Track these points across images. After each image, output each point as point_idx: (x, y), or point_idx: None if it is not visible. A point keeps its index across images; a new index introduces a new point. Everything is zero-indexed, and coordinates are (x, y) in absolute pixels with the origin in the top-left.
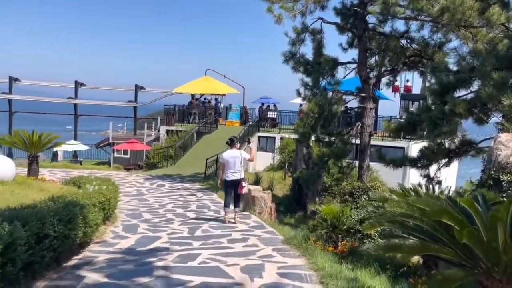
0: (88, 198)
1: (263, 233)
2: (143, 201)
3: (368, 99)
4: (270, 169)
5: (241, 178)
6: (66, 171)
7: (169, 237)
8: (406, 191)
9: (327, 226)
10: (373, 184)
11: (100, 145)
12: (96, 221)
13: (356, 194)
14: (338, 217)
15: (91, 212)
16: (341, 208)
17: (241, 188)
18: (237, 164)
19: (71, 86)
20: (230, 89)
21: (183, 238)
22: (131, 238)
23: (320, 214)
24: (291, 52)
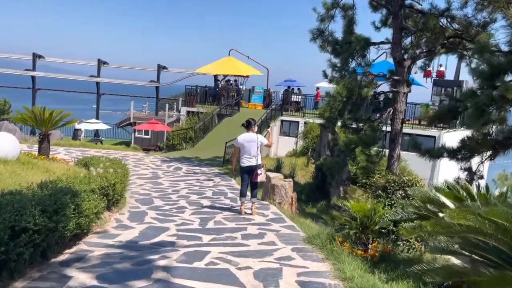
0: (87, 183)
1: (282, 228)
2: (157, 185)
3: (401, 83)
4: (292, 155)
5: (256, 165)
6: (82, 150)
7: (177, 228)
8: (455, 189)
9: (357, 225)
10: (410, 178)
11: (121, 125)
12: (94, 210)
13: (391, 189)
14: (370, 215)
15: (87, 200)
16: (373, 206)
17: (256, 176)
18: (253, 149)
19: (94, 65)
20: (254, 71)
21: (192, 231)
22: (135, 229)
23: (348, 211)
24: (319, 30)
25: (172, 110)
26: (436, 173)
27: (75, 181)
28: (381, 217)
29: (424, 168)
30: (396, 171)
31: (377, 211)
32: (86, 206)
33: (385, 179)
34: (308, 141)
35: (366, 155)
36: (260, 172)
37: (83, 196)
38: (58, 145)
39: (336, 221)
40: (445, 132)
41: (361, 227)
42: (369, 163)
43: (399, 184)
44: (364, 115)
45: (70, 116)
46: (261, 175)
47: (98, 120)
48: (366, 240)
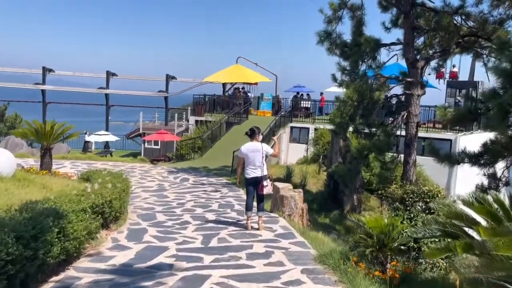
0: (76, 202)
1: (291, 245)
2: (162, 198)
3: (415, 85)
4: (303, 162)
5: (262, 176)
6: (89, 163)
7: (177, 248)
8: (486, 202)
9: (373, 243)
10: (431, 189)
11: (131, 136)
12: (83, 232)
13: (409, 201)
14: (388, 232)
15: (76, 221)
16: (391, 220)
17: (262, 188)
18: (258, 159)
19: (103, 77)
20: (262, 78)
21: (193, 250)
22: (132, 249)
23: (363, 228)
24: (326, 32)
25: (181, 119)
26: (454, 178)
27: (64, 201)
28: (400, 233)
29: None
30: (413, 177)
31: (396, 227)
32: (74, 228)
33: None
34: (319, 147)
35: (380, 161)
36: (266, 184)
37: (70, 217)
38: (64, 159)
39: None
40: (461, 135)
41: (378, 244)
42: (384, 170)
43: (419, 195)
44: (376, 119)
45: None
46: (267, 187)
47: (107, 132)
48: (384, 259)
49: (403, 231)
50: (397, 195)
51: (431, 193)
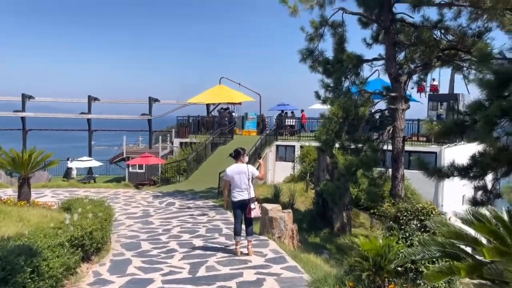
0: (53, 236)
1: (283, 270)
2: (147, 224)
3: (399, 99)
4: (290, 180)
5: (249, 199)
6: (70, 191)
7: (163, 279)
8: (484, 219)
9: (369, 266)
10: (425, 206)
11: (114, 160)
12: (60, 270)
13: (403, 219)
14: (384, 253)
15: (52, 258)
16: (386, 242)
17: (250, 211)
18: (244, 181)
19: (84, 101)
20: (246, 97)
21: (180, 282)
22: (114, 284)
23: (358, 250)
24: (308, 49)
25: (165, 142)
26: (441, 190)
27: (39, 235)
28: (396, 254)
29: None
30: (401, 192)
31: (392, 248)
32: (50, 265)
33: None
34: (306, 165)
35: (368, 177)
36: (254, 207)
37: (45, 254)
38: (45, 187)
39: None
40: (445, 147)
41: (375, 267)
42: (373, 186)
43: (413, 212)
44: (362, 135)
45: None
46: (254, 210)
47: (90, 158)
48: (381, 283)
49: (399, 251)
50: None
51: (425, 210)
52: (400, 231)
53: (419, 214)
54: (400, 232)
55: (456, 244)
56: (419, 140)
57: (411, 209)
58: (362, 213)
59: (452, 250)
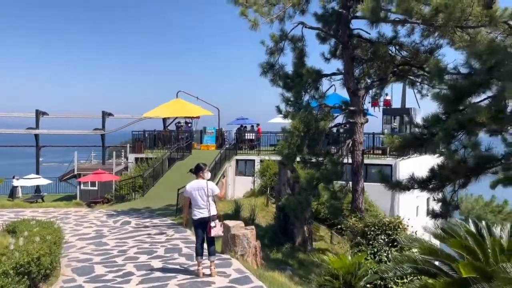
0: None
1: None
2: (101, 246)
3: (358, 113)
4: (250, 195)
5: (210, 216)
6: (16, 212)
7: None
8: (457, 235)
9: (339, 285)
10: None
11: (65, 178)
12: None
13: (371, 234)
14: (354, 271)
15: None
16: (356, 259)
17: (210, 230)
18: (203, 198)
19: (32, 116)
20: (204, 111)
21: None
22: None
23: (327, 268)
24: (269, 63)
25: (120, 157)
26: (396, 201)
27: None
28: (366, 270)
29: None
30: (362, 205)
31: (362, 265)
32: None
33: (363, 222)
34: (266, 179)
35: (329, 191)
36: (214, 225)
37: None
38: None
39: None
40: (400, 160)
41: (345, 286)
42: (334, 200)
43: (380, 227)
44: (322, 149)
45: None
46: (215, 228)
47: (37, 175)
48: None
49: (369, 268)
50: (357, 228)
51: (392, 224)
52: (368, 246)
53: (387, 228)
54: (368, 248)
55: (429, 260)
56: (375, 153)
57: (379, 223)
58: (322, 226)
59: (425, 266)
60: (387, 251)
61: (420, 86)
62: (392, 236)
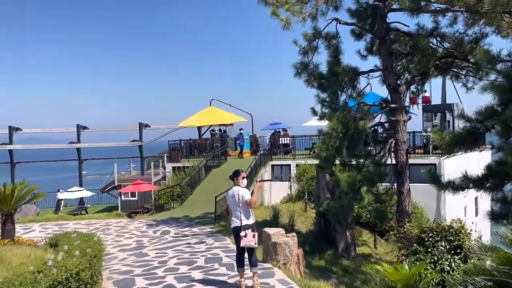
0: (31, 283)
1: None
2: (141, 256)
3: (400, 111)
4: (288, 200)
5: (242, 226)
6: (60, 224)
7: None
8: None
9: None
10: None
11: (106, 189)
12: None
13: (429, 241)
14: (414, 284)
15: None
16: (415, 269)
17: (241, 239)
18: (236, 206)
19: (73, 131)
20: (237, 118)
21: None
22: None
23: (384, 281)
24: (302, 63)
25: (157, 167)
26: (443, 202)
27: (14, 284)
28: (427, 282)
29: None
30: (409, 208)
31: (423, 277)
32: None
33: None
34: (303, 183)
35: (373, 194)
36: (244, 234)
37: None
38: (33, 221)
39: None
40: (444, 158)
41: None
42: (378, 203)
43: (439, 233)
44: (363, 150)
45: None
46: (245, 238)
47: (80, 188)
48: None
49: (430, 279)
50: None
51: (453, 229)
52: (426, 254)
53: (447, 234)
54: (427, 256)
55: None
56: (416, 152)
57: (437, 228)
58: (364, 230)
59: (504, 279)
60: (449, 259)
61: (465, 79)
62: (454, 242)
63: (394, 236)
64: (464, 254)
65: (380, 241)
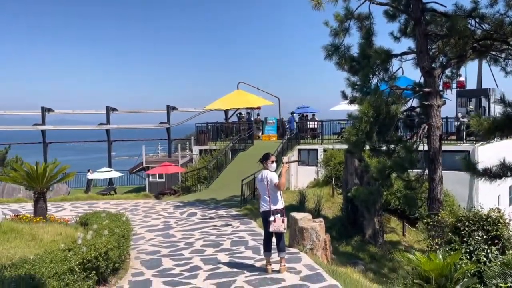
0: (61, 261)
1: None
2: (168, 237)
3: (434, 95)
4: (314, 185)
5: (271, 210)
6: (90, 204)
7: None
8: None
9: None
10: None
11: (134, 170)
12: None
13: (465, 230)
14: (448, 273)
15: None
16: (450, 259)
17: (269, 224)
18: (265, 190)
19: (103, 112)
20: (265, 101)
21: None
22: None
23: (416, 270)
24: (333, 45)
25: (185, 150)
26: (475, 190)
27: (45, 261)
28: (463, 273)
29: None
30: (440, 195)
31: (458, 268)
32: None
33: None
34: (330, 169)
35: (404, 180)
36: (273, 219)
37: (51, 284)
38: (64, 200)
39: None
40: (479, 145)
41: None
42: (410, 191)
43: (476, 222)
44: (394, 135)
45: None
46: (274, 224)
47: (109, 168)
48: None
49: (466, 270)
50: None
51: (491, 219)
52: (462, 244)
53: (485, 223)
54: (462, 246)
55: None
56: (449, 139)
57: (474, 217)
58: (393, 217)
59: None
60: (486, 250)
61: (504, 63)
62: (491, 232)
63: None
64: (502, 245)
65: (409, 229)
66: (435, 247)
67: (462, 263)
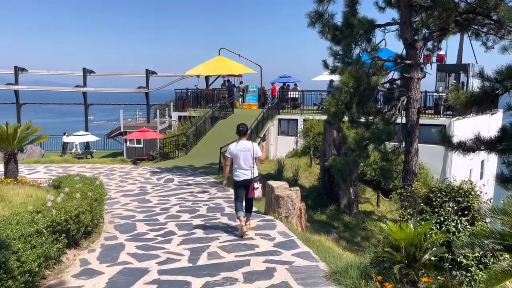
0: (28, 223)
1: (295, 258)
2: (144, 203)
3: (415, 68)
4: (293, 155)
5: (252, 178)
6: (64, 167)
7: (159, 269)
8: None
9: (402, 258)
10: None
11: (112, 135)
12: (36, 263)
13: (437, 201)
14: (418, 243)
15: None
16: (421, 229)
17: (252, 190)
18: (249, 160)
19: (79, 74)
20: (246, 69)
21: (179, 272)
22: (104, 275)
23: (387, 239)
24: (317, 12)
25: (163, 116)
26: (449, 163)
27: (11, 223)
28: (432, 242)
29: (435, 159)
30: (415, 168)
31: (428, 237)
32: (22, 258)
33: (428, 188)
34: (309, 139)
35: (381, 152)
36: (257, 186)
37: (15, 245)
38: (38, 163)
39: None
40: (455, 120)
41: (408, 259)
42: (386, 162)
43: (448, 193)
44: (373, 106)
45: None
46: (257, 190)
47: (86, 132)
48: (416, 277)
49: (435, 240)
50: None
51: (462, 190)
52: (433, 214)
53: (456, 195)
54: (433, 216)
55: None
56: (426, 112)
57: (446, 189)
58: (368, 188)
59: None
60: (455, 220)
61: (485, 37)
62: (462, 204)
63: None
64: (472, 216)
65: (383, 199)
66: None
67: (432, 232)
